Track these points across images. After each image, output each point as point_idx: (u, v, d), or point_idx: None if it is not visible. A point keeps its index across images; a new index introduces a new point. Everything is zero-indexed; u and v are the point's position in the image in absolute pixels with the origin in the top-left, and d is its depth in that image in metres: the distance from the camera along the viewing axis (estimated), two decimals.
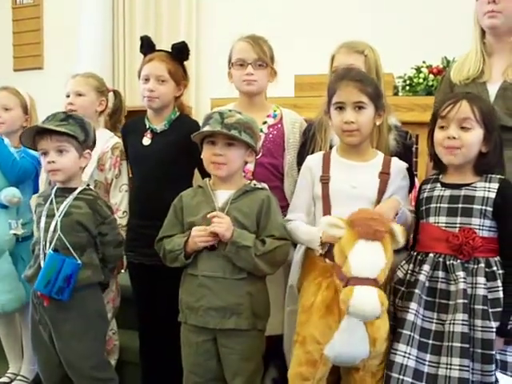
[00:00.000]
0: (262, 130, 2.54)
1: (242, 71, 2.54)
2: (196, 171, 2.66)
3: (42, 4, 5.30)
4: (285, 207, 2.35)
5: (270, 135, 2.58)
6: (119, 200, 2.71)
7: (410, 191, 2.34)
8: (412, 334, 1.97)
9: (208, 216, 2.11)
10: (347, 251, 1.89)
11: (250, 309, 2.15)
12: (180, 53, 2.68)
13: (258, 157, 2.46)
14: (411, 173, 2.33)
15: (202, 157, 2.23)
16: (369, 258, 1.87)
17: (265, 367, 2.30)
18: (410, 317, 1.97)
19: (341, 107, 2.12)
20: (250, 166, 2.48)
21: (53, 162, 2.27)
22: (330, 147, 2.34)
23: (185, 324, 2.23)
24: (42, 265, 2.25)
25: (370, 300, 1.82)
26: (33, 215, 2.86)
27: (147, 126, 2.67)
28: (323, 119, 2.42)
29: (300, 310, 2.11)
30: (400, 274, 2.10)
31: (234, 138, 2.14)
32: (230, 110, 2.21)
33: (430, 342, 1.97)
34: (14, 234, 2.81)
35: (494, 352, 1.92)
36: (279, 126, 2.60)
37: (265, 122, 2.58)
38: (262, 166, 2.53)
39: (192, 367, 2.23)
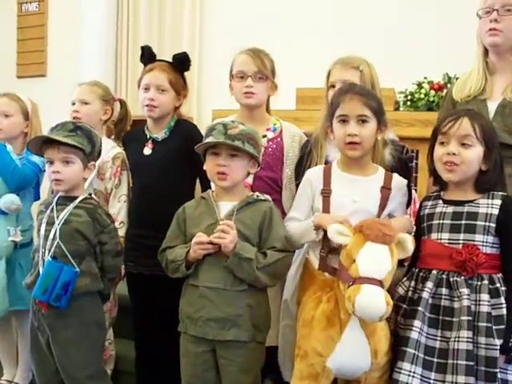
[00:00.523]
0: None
1: (242, 83, 2.54)
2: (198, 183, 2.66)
3: (47, 12, 5.32)
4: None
5: (269, 149, 2.58)
6: (117, 210, 2.70)
7: (407, 206, 2.34)
8: (416, 352, 1.95)
9: (220, 223, 2.11)
10: (355, 254, 1.92)
11: (250, 321, 2.15)
12: (181, 63, 2.70)
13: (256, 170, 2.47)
14: (409, 188, 2.34)
15: (204, 168, 2.24)
16: (377, 260, 1.91)
17: (261, 378, 2.28)
18: (414, 335, 1.96)
19: (344, 120, 2.13)
20: (249, 180, 2.48)
21: (57, 172, 2.28)
22: (326, 163, 2.35)
23: (184, 334, 2.23)
24: (41, 272, 2.25)
25: (376, 298, 1.83)
26: (33, 222, 2.88)
27: (148, 136, 2.68)
28: (319, 135, 2.43)
29: (300, 323, 2.11)
30: (401, 290, 2.09)
31: (238, 149, 2.14)
32: (232, 121, 2.22)
33: (435, 360, 1.95)
34: (12, 241, 2.81)
35: (497, 370, 1.91)
36: (278, 139, 2.61)
37: (264, 136, 2.58)
38: (261, 180, 2.54)
39: (190, 378, 2.22)
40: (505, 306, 1.96)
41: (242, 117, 2.59)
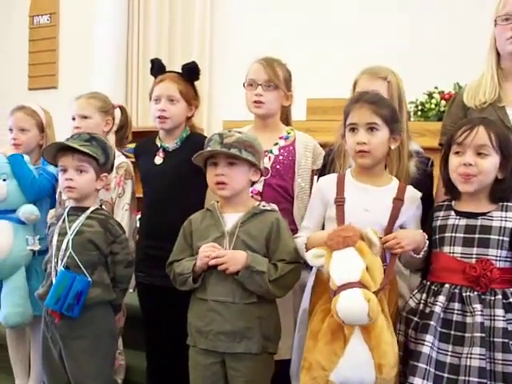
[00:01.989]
0: (271, 152, 2.54)
1: (253, 92, 2.54)
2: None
3: (58, 24, 5.38)
4: (294, 231, 2.31)
5: (281, 157, 2.56)
6: (120, 219, 2.68)
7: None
8: (428, 367, 1.91)
9: (211, 262, 2.10)
10: (328, 269, 1.92)
11: (261, 333, 2.13)
12: (191, 73, 2.70)
13: (266, 177, 2.45)
14: (431, 200, 2.31)
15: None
16: (345, 264, 1.89)
17: None
18: (426, 350, 1.92)
19: (354, 128, 2.12)
20: (259, 187, 2.47)
21: (70, 179, 2.30)
22: None
23: (193, 347, 2.21)
24: (54, 282, 2.26)
25: (353, 300, 1.82)
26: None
27: (159, 145, 2.68)
28: (342, 145, 2.41)
29: (308, 335, 2.08)
30: (412, 303, 2.06)
31: (235, 157, 2.13)
32: (229, 131, 2.22)
33: (445, 375, 1.91)
34: (31, 250, 2.82)
35: None
36: (291, 148, 2.59)
37: (276, 144, 2.57)
38: (270, 187, 2.52)
39: None
40: None
41: (256, 126, 2.59)
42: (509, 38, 2.34)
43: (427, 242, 2.07)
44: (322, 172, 2.50)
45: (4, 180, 2.82)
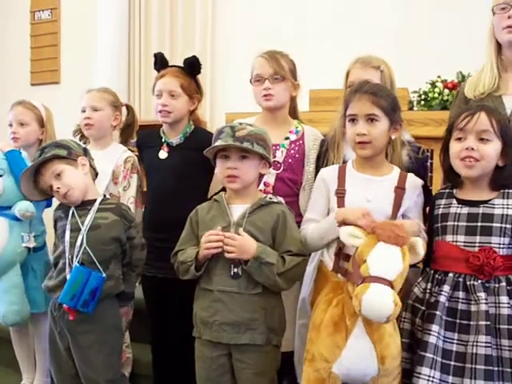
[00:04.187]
0: (284, 146, 2.54)
1: (260, 87, 2.54)
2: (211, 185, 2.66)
3: (60, 20, 5.37)
4: (300, 223, 2.30)
5: (292, 151, 2.57)
6: None
7: (426, 207, 2.31)
8: (434, 356, 1.92)
9: (225, 241, 2.09)
10: (366, 255, 1.89)
11: (265, 324, 2.13)
12: (192, 67, 2.71)
13: (279, 171, 2.44)
14: (427, 188, 2.31)
15: (216, 172, 2.23)
16: (388, 260, 1.87)
17: (278, 382, 2.27)
18: (432, 339, 1.93)
19: (353, 119, 2.12)
20: (271, 180, 2.48)
21: (58, 188, 2.29)
22: (344, 163, 2.33)
23: (199, 339, 2.22)
24: (68, 278, 2.25)
25: (384, 297, 1.80)
26: (45, 227, 2.91)
27: (163, 140, 2.69)
28: (336, 135, 2.41)
29: (310, 326, 2.09)
30: (418, 291, 2.07)
31: (247, 151, 2.13)
32: (240, 123, 2.21)
33: (452, 363, 1.93)
34: (26, 247, 2.82)
35: None
36: (301, 142, 2.59)
37: (287, 138, 2.58)
38: (282, 181, 2.53)
39: (205, 382, 2.21)
40: None
41: (265, 119, 2.59)
42: (505, 28, 2.33)
43: (423, 231, 2.07)
44: (317, 163, 2.51)
45: (0, 176, 2.80)
